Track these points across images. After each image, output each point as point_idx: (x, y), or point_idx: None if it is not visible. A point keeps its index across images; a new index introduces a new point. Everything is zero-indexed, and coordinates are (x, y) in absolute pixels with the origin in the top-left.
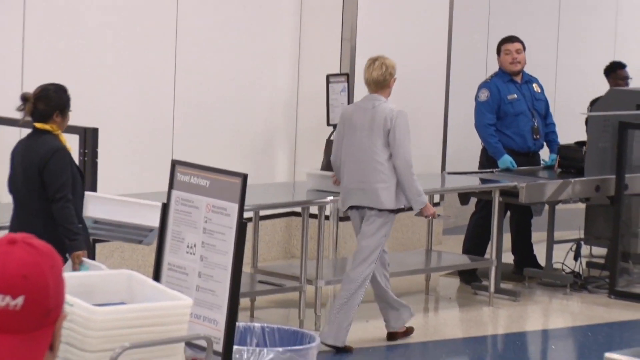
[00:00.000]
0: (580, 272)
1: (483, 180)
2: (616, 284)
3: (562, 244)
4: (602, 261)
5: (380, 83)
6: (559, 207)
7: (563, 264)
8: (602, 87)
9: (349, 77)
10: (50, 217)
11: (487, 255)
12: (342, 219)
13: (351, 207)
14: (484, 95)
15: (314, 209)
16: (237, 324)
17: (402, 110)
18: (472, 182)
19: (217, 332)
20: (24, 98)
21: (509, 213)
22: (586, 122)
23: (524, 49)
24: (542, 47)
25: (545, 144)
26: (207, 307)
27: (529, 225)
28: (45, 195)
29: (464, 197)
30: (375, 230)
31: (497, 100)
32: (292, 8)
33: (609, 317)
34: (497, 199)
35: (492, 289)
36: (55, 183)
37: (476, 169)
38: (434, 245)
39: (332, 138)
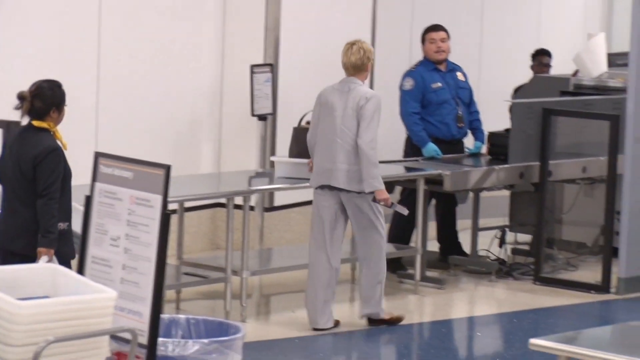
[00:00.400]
0: (506, 259)
1: (408, 169)
2: (541, 271)
3: (487, 231)
4: (527, 248)
5: (359, 67)
6: (483, 194)
7: (488, 251)
8: (525, 74)
9: (273, 68)
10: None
11: (412, 244)
12: (267, 210)
13: (322, 187)
14: (409, 84)
15: (239, 200)
16: (162, 316)
17: (377, 94)
18: (397, 171)
19: (142, 325)
20: (21, 97)
21: (434, 201)
22: (510, 110)
23: (449, 37)
24: (466, 35)
25: (469, 131)
26: (131, 299)
27: (453, 213)
28: (35, 189)
29: (388, 186)
30: (364, 212)
31: (421, 89)
32: None
33: (534, 303)
34: (421, 187)
35: (417, 277)
36: (45, 181)
37: (401, 158)
38: None
39: (300, 125)
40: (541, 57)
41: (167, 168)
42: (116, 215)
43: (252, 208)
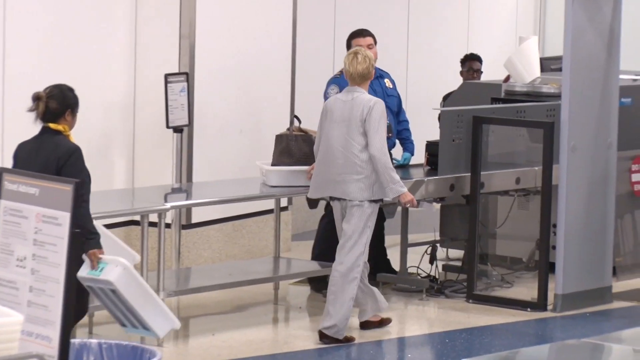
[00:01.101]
0: (437, 276)
1: None
2: (474, 288)
3: (416, 246)
4: (459, 264)
5: (365, 76)
6: (412, 208)
7: (418, 267)
8: (455, 80)
9: (188, 77)
10: None
11: None
12: (184, 227)
13: (331, 198)
14: (334, 91)
15: (154, 217)
16: (72, 340)
17: (379, 100)
18: None
19: (51, 350)
20: (37, 97)
21: None
22: (439, 118)
23: (375, 43)
24: (392, 40)
25: (398, 141)
26: (39, 323)
27: (381, 228)
28: None
29: (312, 200)
30: (356, 220)
31: None
32: (127, 2)
33: (467, 322)
34: None
35: None
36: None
37: None
38: (282, 252)
39: (281, 133)
40: (471, 63)
41: (76, 184)
42: (22, 235)
43: (168, 225)
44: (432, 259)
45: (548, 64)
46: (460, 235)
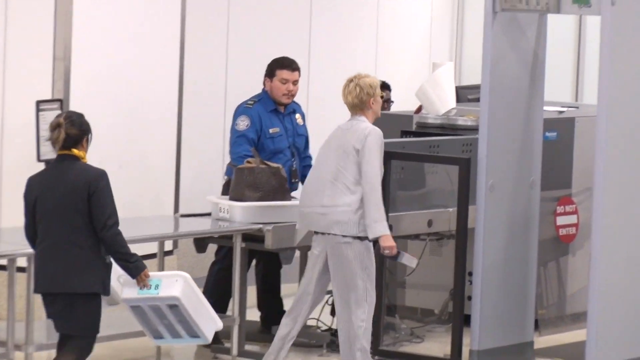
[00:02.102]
0: None
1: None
2: (380, 343)
3: None
4: None
5: (358, 105)
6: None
7: (318, 320)
8: None
9: (62, 103)
10: (96, 250)
11: (229, 312)
12: None
13: (315, 232)
14: (244, 123)
15: (22, 262)
16: None
17: (376, 128)
18: (211, 225)
19: None
20: (57, 125)
21: (254, 261)
22: None
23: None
24: None
25: (300, 181)
26: None
27: (277, 275)
28: (92, 226)
29: (200, 244)
30: (347, 262)
31: (257, 132)
32: None
33: None
34: (239, 245)
35: (234, 351)
36: (107, 208)
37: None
38: None
39: (243, 166)
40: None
41: None
42: None
43: None
44: (334, 310)
45: (465, 94)
46: None
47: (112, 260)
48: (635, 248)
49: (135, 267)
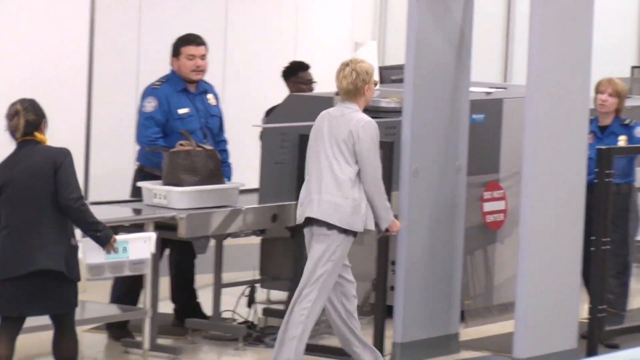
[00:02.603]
0: (256, 322)
1: (135, 211)
2: None
3: (232, 287)
4: (282, 307)
5: (352, 92)
6: (227, 242)
7: (234, 312)
8: (281, 93)
9: None
10: (63, 228)
11: (140, 304)
12: None
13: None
14: (151, 105)
15: None
16: None
17: (370, 120)
18: (123, 213)
19: None
20: (15, 112)
21: (167, 251)
22: (261, 137)
23: (207, 52)
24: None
25: None
26: None
27: (191, 266)
28: (58, 207)
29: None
30: (323, 250)
31: (165, 113)
32: None
33: None
34: None
35: (146, 345)
36: (71, 182)
37: (128, 197)
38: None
39: (177, 149)
40: (299, 73)
41: None
42: None
43: None
44: (251, 301)
45: (388, 74)
46: (283, 274)
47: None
48: (565, 235)
49: (104, 236)
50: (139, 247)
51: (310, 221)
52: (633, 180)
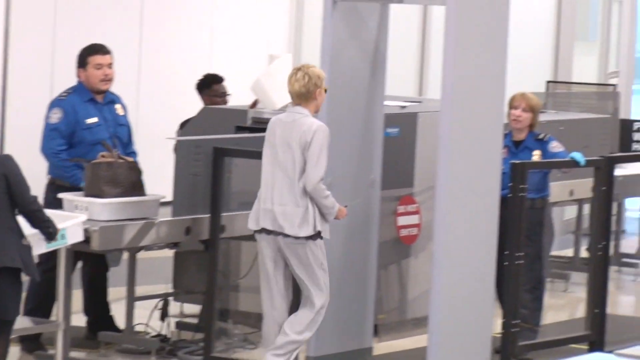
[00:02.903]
0: (169, 335)
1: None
2: (212, 349)
3: (145, 300)
4: (195, 321)
5: (304, 95)
6: (141, 255)
7: (147, 325)
8: (195, 105)
9: None
10: (15, 231)
11: (52, 317)
12: None
13: (261, 230)
14: (56, 116)
15: None
16: None
17: (322, 125)
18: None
19: None
20: None
21: (79, 264)
22: (175, 150)
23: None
24: (121, 57)
25: None
26: None
27: (104, 278)
28: (10, 208)
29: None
30: (306, 259)
31: (72, 124)
32: None
33: None
34: (63, 247)
35: (59, 358)
36: (25, 189)
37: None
38: None
39: (97, 160)
40: (214, 85)
41: None
42: None
43: None
44: (164, 315)
45: None
46: (197, 288)
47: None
48: (479, 250)
49: (54, 231)
50: (75, 231)
51: (271, 231)
52: (547, 195)
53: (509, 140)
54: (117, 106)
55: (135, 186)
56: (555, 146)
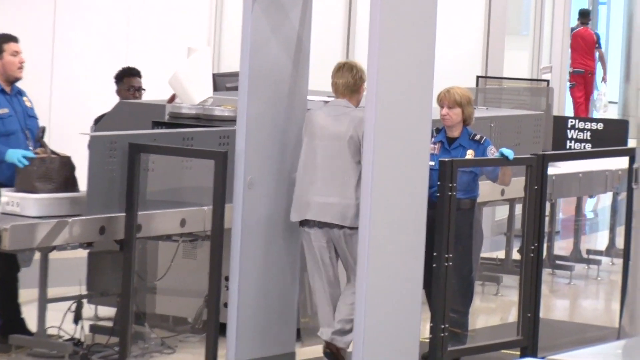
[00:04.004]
0: (82, 339)
1: None
2: (128, 353)
3: (58, 302)
4: (110, 324)
5: (350, 87)
6: (53, 255)
7: (60, 328)
8: (110, 100)
9: None
10: None
11: None
12: None
13: (307, 222)
14: None
15: None
16: None
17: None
18: None
19: None
20: None
21: None
22: (89, 146)
23: None
24: (33, 49)
25: None
26: None
27: (14, 279)
28: None
29: None
30: (356, 248)
31: None
32: None
33: None
34: None
35: None
36: None
37: None
38: None
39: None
40: (130, 79)
41: None
42: None
43: None
44: (77, 317)
45: (223, 82)
46: (112, 289)
47: None
48: (406, 252)
49: None
50: None
51: (325, 223)
52: (476, 196)
53: (443, 137)
54: (25, 98)
55: (68, 182)
56: (492, 152)
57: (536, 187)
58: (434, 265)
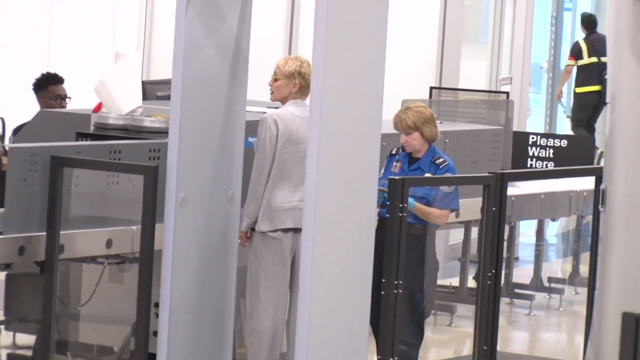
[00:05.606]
0: None
1: None
2: None
3: None
4: (29, 353)
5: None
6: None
7: None
8: (30, 109)
9: None
10: None
11: None
12: None
13: (285, 229)
14: None
15: None
16: None
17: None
18: None
19: None
20: None
21: None
22: (8, 158)
23: None
24: None
25: None
26: None
27: None
28: None
29: None
30: None
31: None
32: None
33: None
34: None
35: None
36: None
37: None
38: None
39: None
40: (51, 87)
41: None
42: None
43: None
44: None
45: (154, 90)
46: (31, 315)
47: None
48: (352, 278)
49: None
50: None
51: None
52: (428, 223)
53: (405, 156)
54: None
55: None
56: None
57: (494, 209)
58: (383, 292)
